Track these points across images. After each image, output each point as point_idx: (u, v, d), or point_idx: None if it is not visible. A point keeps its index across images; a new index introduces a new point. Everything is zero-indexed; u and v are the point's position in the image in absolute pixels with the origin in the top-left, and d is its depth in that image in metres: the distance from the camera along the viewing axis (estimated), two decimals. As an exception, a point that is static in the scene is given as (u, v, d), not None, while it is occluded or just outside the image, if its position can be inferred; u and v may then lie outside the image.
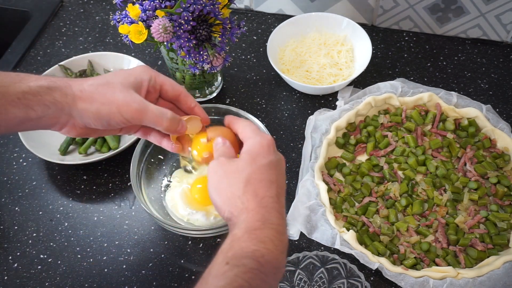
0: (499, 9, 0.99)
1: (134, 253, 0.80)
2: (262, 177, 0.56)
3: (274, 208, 0.55)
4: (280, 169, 0.58)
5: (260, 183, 0.55)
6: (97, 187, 0.88)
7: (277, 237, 0.53)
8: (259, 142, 0.59)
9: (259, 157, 0.57)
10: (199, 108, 0.67)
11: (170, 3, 0.75)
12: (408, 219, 0.79)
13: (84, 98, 0.59)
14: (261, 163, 0.57)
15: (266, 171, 0.56)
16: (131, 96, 0.59)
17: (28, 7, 1.18)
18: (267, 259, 0.51)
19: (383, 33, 1.09)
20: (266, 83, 1.01)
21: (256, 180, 0.55)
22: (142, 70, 0.63)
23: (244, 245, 0.51)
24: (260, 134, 0.60)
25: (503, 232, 0.77)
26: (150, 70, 0.64)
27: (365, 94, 0.94)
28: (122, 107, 0.59)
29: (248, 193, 0.55)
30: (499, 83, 0.99)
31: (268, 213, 0.54)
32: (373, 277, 0.76)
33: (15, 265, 0.79)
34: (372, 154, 0.87)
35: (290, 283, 0.73)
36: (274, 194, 0.55)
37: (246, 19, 1.13)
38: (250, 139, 0.60)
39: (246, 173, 0.56)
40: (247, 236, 0.52)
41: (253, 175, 0.55)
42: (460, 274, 0.72)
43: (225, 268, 0.49)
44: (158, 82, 0.64)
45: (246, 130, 0.61)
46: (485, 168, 0.83)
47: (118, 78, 0.61)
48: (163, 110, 0.61)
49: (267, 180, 0.56)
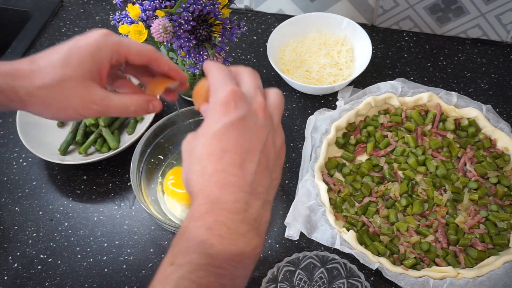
0: (499, 9, 0.99)
1: (134, 253, 0.80)
2: (212, 149, 0.44)
3: (228, 183, 0.43)
4: (244, 127, 0.45)
5: (209, 157, 0.44)
6: (97, 187, 0.88)
7: (232, 217, 0.43)
8: (213, 104, 0.46)
9: (210, 123, 0.45)
10: (174, 71, 0.58)
11: (170, 3, 0.75)
12: (408, 219, 0.79)
13: (35, 103, 0.51)
14: (211, 132, 0.45)
15: (217, 140, 0.44)
16: (90, 95, 0.51)
17: (28, 7, 1.18)
18: (218, 249, 0.42)
19: (383, 33, 1.09)
20: (266, 83, 1.01)
21: (206, 155, 0.44)
22: (101, 44, 0.53)
23: (191, 236, 0.42)
24: (216, 90, 0.47)
25: (503, 232, 0.77)
26: (110, 42, 0.53)
27: (365, 94, 0.94)
28: (80, 110, 0.52)
29: (196, 172, 0.45)
30: (499, 83, 0.99)
31: (219, 191, 0.43)
32: (373, 277, 0.76)
33: (15, 265, 0.79)
34: (372, 154, 0.87)
35: (290, 283, 0.73)
36: (227, 166, 0.44)
37: (246, 19, 1.13)
38: (208, 112, 0.48)
39: (196, 149, 0.45)
40: (192, 225, 0.43)
41: (201, 150, 0.45)
42: (460, 274, 0.72)
43: (169, 270, 0.42)
44: (122, 55, 0.54)
45: (212, 85, 0.48)
46: (485, 168, 0.83)
47: (72, 69, 0.51)
48: (126, 102, 0.54)
49: (218, 151, 0.44)
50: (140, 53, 0.55)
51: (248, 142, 0.45)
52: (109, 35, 0.54)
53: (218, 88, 0.46)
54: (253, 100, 0.47)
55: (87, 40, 0.53)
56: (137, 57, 0.55)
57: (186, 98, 0.98)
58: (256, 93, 0.48)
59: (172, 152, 0.88)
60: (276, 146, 0.48)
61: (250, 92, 0.47)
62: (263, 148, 0.46)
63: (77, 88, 0.51)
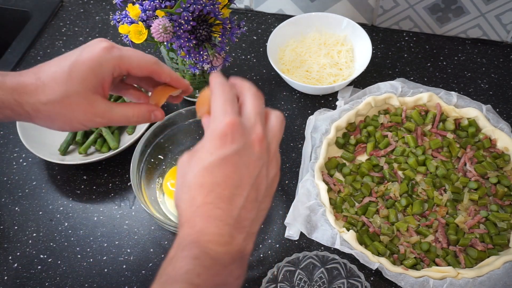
0: (499, 9, 0.99)
1: (134, 253, 0.80)
2: (203, 181, 0.45)
3: (214, 216, 0.45)
4: (237, 162, 0.45)
5: (200, 188, 0.45)
6: (97, 187, 0.88)
7: (217, 249, 0.44)
8: (210, 133, 0.46)
9: (205, 153, 0.46)
10: (176, 81, 0.59)
11: (170, 3, 0.75)
12: (408, 219, 0.79)
13: (41, 117, 0.53)
14: (204, 163, 0.45)
15: (209, 172, 0.45)
16: (93, 108, 0.54)
17: (28, 7, 1.18)
18: (204, 279, 0.43)
19: (383, 33, 1.09)
20: (266, 83, 1.01)
21: (196, 185, 0.45)
22: (103, 59, 0.54)
23: (177, 266, 0.43)
24: (215, 118, 0.47)
25: (503, 232, 0.77)
26: (112, 57, 0.54)
27: (365, 94, 0.94)
28: (85, 122, 0.55)
29: (185, 201, 0.46)
30: (499, 83, 0.99)
31: (205, 223, 0.45)
32: (373, 277, 0.76)
33: (15, 265, 0.79)
34: (372, 154, 0.87)
35: (290, 283, 0.73)
36: (215, 199, 0.45)
37: (246, 19, 1.13)
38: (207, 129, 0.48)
39: (188, 177, 0.46)
40: (179, 254, 0.44)
41: (192, 179, 0.46)
42: (460, 274, 0.72)
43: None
44: (124, 69, 0.56)
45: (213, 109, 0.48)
46: (485, 168, 0.83)
47: (75, 85, 0.52)
48: (128, 113, 0.56)
49: (209, 184, 0.45)
50: (141, 66, 0.57)
51: (239, 177, 0.45)
52: (110, 49, 0.55)
53: (218, 116, 0.47)
54: (252, 131, 0.47)
55: (88, 55, 0.54)
56: (139, 70, 0.57)
57: (187, 98, 0.98)
58: (256, 122, 0.47)
59: (172, 152, 0.88)
60: (269, 177, 0.49)
61: (250, 120, 0.47)
62: (254, 182, 0.47)
63: (80, 103, 0.53)
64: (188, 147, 0.88)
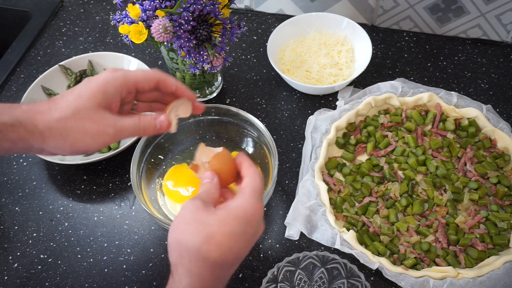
0: (499, 9, 0.99)
1: (134, 253, 0.80)
2: (222, 243, 0.52)
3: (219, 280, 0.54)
4: (247, 241, 0.54)
5: (217, 247, 0.51)
6: (97, 187, 0.88)
7: None
8: (245, 206, 0.54)
9: (234, 221, 0.53)
10: (181, 90, 0.62)
11: (170, 3, 0.75)
12: (408, 219, 0.79)
13: (54, 136, 0.55)
14: (231, 229, 0.52)
15: (230, 238, 0.52)
16: (103, 119, 0.56)
17: (28, 7, 1.18)
18: None
19: (383, 33, 1.09)
20: (266, 83, 1.01)
21: (215, 244, 0.51)
22: (109, 78, 0.58)
23: None
24: (254, 197, 0.55)
25: (503, 232, 0.77)
26: (117, 75, 0.58)
27: (365, 94, 0.94)
28: (96, 137, 0.56)
29: (182, 266, 0.52)
30: (499, 83, 0.99)
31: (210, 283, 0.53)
32: (373, 277, 0.76)
33: (15, 265, 0.79)
34: (372, 154, 0.87)
35: (290, 283, 0.73)
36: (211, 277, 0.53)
37: (246, 19, 1.13)
38: (241, 198, 0.55)
39: (210, 230, 0.52)
40: None
41: (215, 237, 0.52)
42: (460, 274, 0.72)
43: None
44: (131, 86, 0.59)
45: (247, 182, 0.57)
46: (485, 168, 0.83)
47: (84, 101, 0.56)
48: (136, 121, 0.59)
49: (226, 247, 0.52)
50: (147, 77, 0.59)
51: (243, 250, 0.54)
52: (115, 70, 0.59)
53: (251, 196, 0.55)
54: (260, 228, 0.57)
55: (96, 79, 0.58)
56: (145, 82, 0.59)
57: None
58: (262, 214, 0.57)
59: (172, 152, 0.88)
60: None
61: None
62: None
63: (91, 115, 0.56)
64: (188, 147, 0.89)
